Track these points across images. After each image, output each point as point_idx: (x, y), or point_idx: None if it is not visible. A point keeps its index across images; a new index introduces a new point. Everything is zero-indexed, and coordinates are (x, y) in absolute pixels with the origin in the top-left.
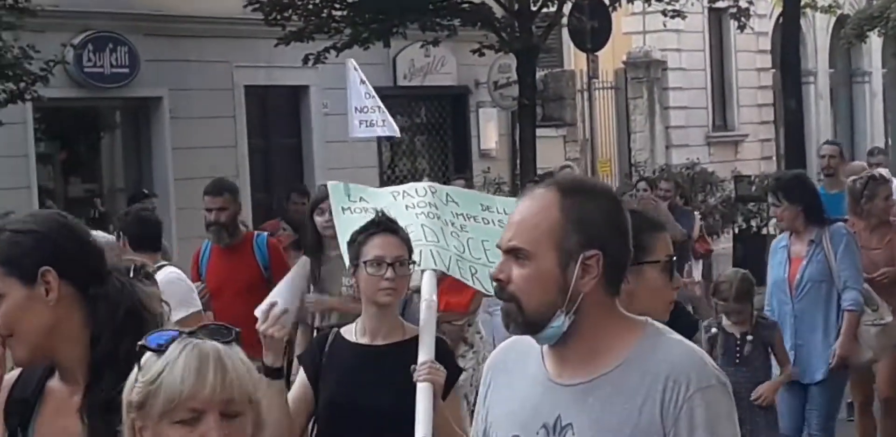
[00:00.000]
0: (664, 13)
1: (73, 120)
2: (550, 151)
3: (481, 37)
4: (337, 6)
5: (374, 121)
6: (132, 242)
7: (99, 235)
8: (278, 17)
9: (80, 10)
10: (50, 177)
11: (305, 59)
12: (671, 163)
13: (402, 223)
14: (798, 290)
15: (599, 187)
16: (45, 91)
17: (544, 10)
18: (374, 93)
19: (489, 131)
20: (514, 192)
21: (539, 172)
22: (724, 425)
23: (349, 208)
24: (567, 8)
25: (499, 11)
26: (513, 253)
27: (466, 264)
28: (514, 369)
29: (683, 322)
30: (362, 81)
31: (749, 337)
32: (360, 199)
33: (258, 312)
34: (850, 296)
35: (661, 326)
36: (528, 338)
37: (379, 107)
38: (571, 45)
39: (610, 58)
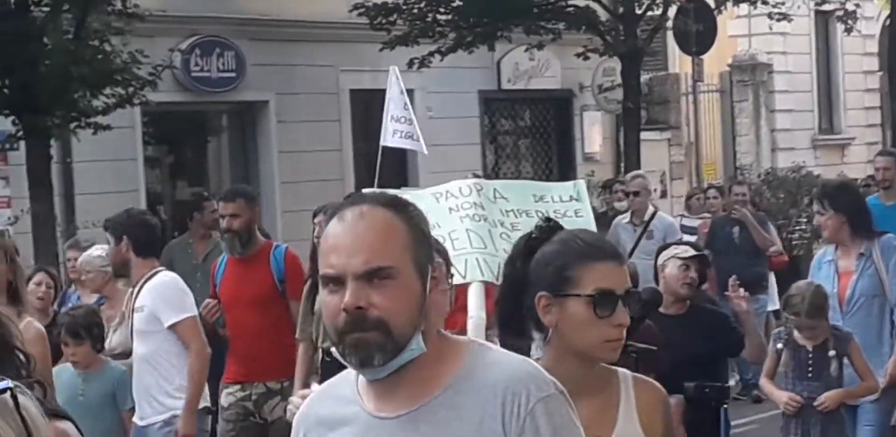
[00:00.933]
0: (770, 16)
1: (181, 124)
2: (655, 155)
3: (586, 40)
4: (442, 10)
5: (409, 133)
6: (136, 247)
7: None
8: (384, 21)
9: (187, 15)
10: (157, 180)
11: (410, 63)
12: (777, 166)
13: (445, 230)
14: (850, 305)
15: (409, 201)
16: (153, 96)
17: (649, 13)
18: (410, 105)
19: (593, 135)
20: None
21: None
22: (569, 431)
23: None
24: (672, 11)
25: (603, 15)
26: (370, 275)
27: None
28: (328, 420)
29: (730, 338)
30: (402, 91)
31: (823, 350)
32: None
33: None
34: None
35: (483, 341)
36: (333, 386)
37: (413, 120)
38: (676, 48)
39: (715, 61)
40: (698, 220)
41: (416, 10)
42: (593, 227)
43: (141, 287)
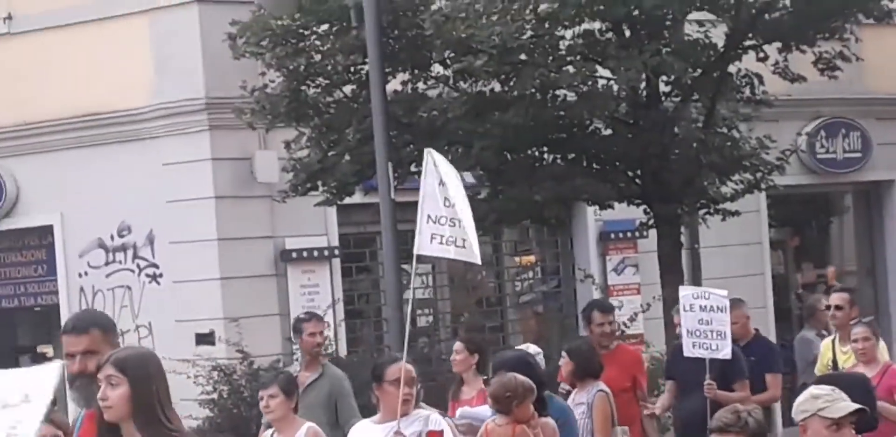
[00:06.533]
0: None
1: (805, 206)
2: None
3: None
4: None
5: (450, 238)
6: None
7: None
8: None
9: (812, 97)
10: (780, 262)
11: None
12: None
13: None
14: None
15: None
16: (778, 179)
17: None
18: (455, 200)
19: None
20: None
21: None
22: None
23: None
24: None
25: None
26: None
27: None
28: None
29: None
30: (441, 183)
31: None
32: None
33: None
34: None
35: None
36: None
37: (459, 221)
38: None
39: None
40: None
41: None
42: None
43: None
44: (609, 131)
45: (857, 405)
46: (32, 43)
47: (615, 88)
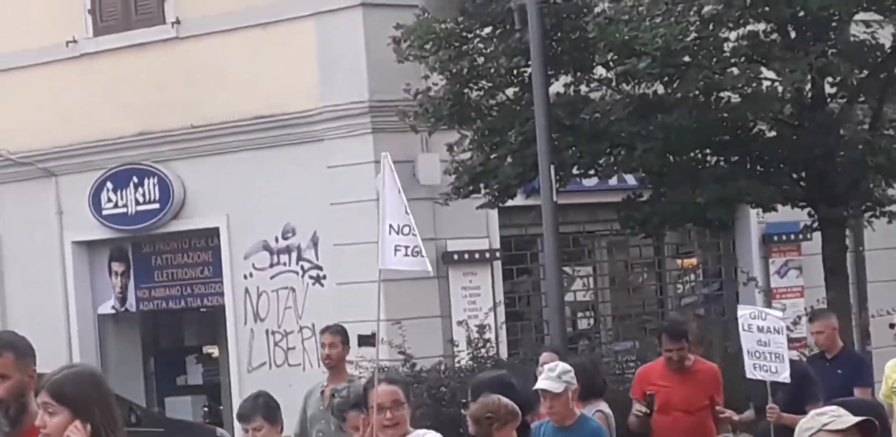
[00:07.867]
0: None
1: None
2: None
3: None
4: None
5: (415, 248)
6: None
7: None
8: None
9: None
10: None
11: None
12: None
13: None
14: None
15: None
16: None
17: None
18: (408, 208)
19: None
20: None
21: None
22: None
23: None
24: None
25: None
26: None
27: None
28: None
29: None
30: (400, 190)
31: None
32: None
33: None
34: None
35: None
36: None
37: (414, 227)
38: None
39: None
40: None
41: None
42: None
43: None
44: (773, 133)
45: (863, 417)
46: (200, 47)
47: (780, 89)
